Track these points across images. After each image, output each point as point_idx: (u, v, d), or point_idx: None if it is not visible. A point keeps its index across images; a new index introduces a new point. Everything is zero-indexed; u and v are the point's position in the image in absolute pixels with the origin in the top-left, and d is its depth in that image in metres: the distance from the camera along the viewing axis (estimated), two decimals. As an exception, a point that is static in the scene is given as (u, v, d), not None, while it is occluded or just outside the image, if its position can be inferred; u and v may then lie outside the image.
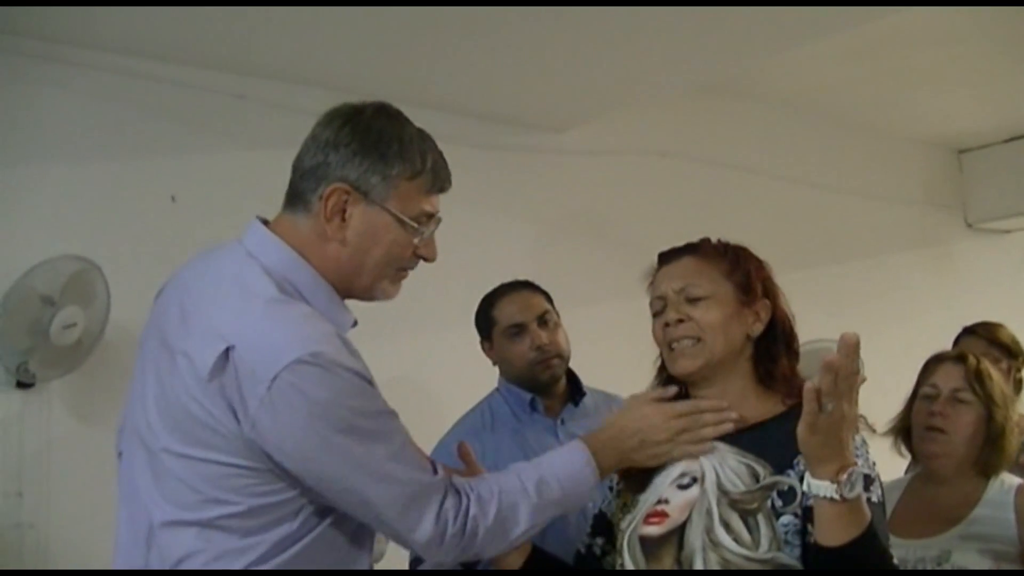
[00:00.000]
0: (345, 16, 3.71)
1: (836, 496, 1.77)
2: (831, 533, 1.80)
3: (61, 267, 3.54)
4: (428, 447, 2.29)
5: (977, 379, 2.73)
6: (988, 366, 2.78)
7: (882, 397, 2.90)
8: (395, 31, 3.85)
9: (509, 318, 3.31)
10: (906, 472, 3.09)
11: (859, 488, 1.79)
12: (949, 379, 2.76)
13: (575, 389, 3.31)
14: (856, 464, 1.80)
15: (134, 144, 3.95)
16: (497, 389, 3.37)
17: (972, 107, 5.93)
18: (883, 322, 5.59)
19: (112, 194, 3.88)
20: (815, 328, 2.67)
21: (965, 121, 6.19)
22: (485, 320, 3.39)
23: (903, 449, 2.87)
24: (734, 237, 2.25)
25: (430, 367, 4.48)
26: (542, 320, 3.28)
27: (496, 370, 3.39)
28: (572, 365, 3.35)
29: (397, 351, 4.32)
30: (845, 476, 1.77)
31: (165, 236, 3.81)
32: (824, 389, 1.74)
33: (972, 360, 2.78)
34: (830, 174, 5.94)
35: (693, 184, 5.37)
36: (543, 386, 3.27)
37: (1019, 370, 3.82)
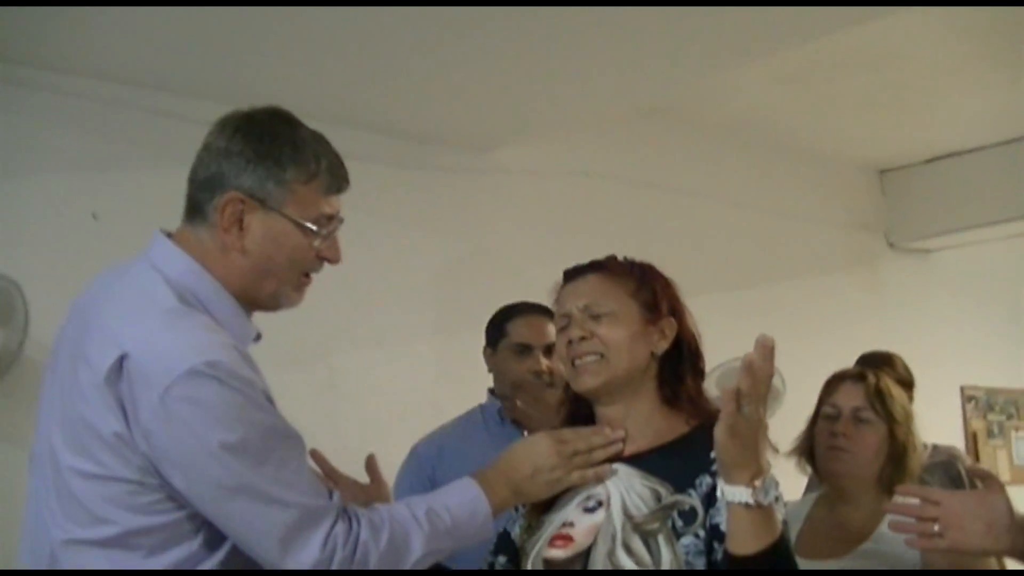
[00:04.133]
0: (275, 34, 3.70)
1: (751, 501, 1.77)
2: (745, 541, 1.79)
3: (-22, 284, 3.48)
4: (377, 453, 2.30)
5: (878, 397, 2.74)
6: (888, 383, 2.79)
7: (807, 415, 2.93)
8: (321, 48, 3.84)
9: (520, 336, 3.38)
10: (806, 491, 3.10)
11: (774, 493, 1.79)
12: (850, 398, 2.76)
13: None
14: (769, 470, 1.81)
15: (55, 160, 3.90)
16: (482, 403, 3.48)
17: (893, 128, 6.02)
18: (808, 342, 5.62)
19: (32, 210, 3.83)
20: (738, 348, 2.69)
21: (886, 142, 6.28)
22: (496, 330, 3.47)
23: (807, 468, 2.88)
24: (660, 256, 2.25)
25: (362, 384, 4.45)
26: (548, 349, 3.32)
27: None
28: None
29: (314, 372, 4.30)
30: (760, 482, 1.77)
31: (86, 253, 3.75)
32: (744, 390, 1.74)
33: (872, 378, 2.79)
34: (756, 194, 6.00)
35: (620, 204, 5.40)
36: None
37: (911, 400, 3.89)
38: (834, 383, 2.84)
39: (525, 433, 3.32)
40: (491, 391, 3.47)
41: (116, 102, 4.03)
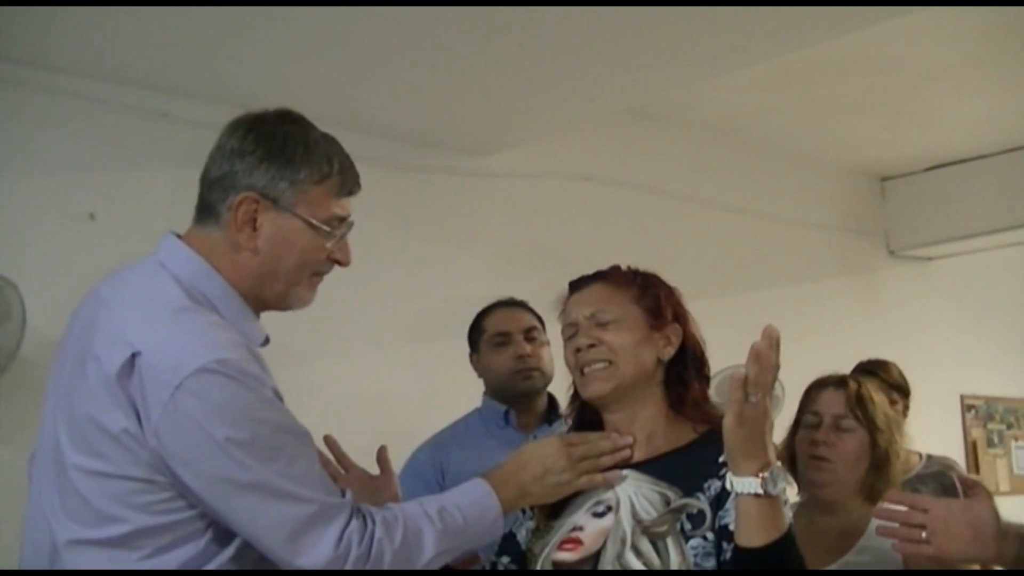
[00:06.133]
0: (272, 35, 3.70)
1: (760, 491, 1.79)
2: (754, 533, 1.82)
3: (-25, 284, 3.47)
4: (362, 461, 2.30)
5: (859, 404, 2.69)
6: (869, 390, 2.75)
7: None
8: (318, 50, 3.84)
9: (496, 327, 3.45)
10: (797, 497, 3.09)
11: (782, 485, 1.81)
12: (831, 406, 2.71)
13: (552, 411, 3.36)
14: (777, 463, 1.83)
15: (52, 160, 3.91)
16: (478, 408, 3.49)
17: (894, 135, 6.03)
18: (806, 349, 5.59)
19: (29, 211, 3.83)
20: (737, 354, 2.68)
21: (887, 149, 6.29)
22: (475, 330, 3.53)
23: (789, 477, 2.85)
24: (657, 261, 2.28)
25: (363, 386, 4.44)
26: (528, 334, 3.40)
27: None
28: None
29: (323, 371, 4.31)
30: (768, 473, 1.79)
31: (83, 254, 3.77)
32: (751, 378, 1.77)
33: (853, 384, 2.74)
34: (754, 200, 6.00)
35: (618, 208, 5.40)
36: (520, 397, 3.38)
37: (907, 408, 3.89)
38: (815, 390, 2.79)
39: (533, 436, 3.33)
40: (487, 395, 3.48)
41: (113, 102, 4.02)
